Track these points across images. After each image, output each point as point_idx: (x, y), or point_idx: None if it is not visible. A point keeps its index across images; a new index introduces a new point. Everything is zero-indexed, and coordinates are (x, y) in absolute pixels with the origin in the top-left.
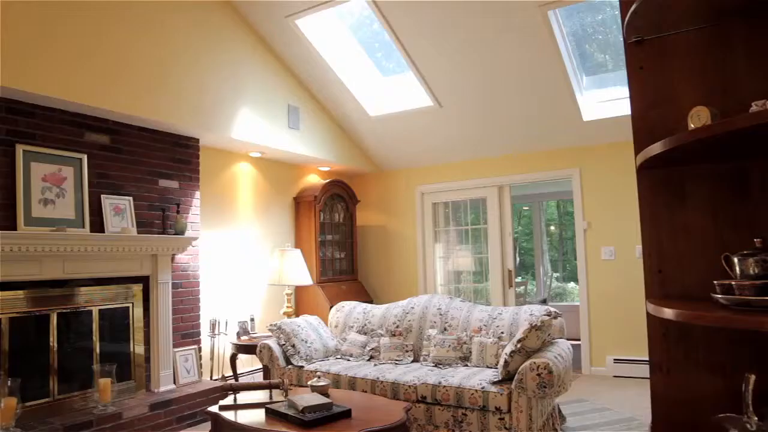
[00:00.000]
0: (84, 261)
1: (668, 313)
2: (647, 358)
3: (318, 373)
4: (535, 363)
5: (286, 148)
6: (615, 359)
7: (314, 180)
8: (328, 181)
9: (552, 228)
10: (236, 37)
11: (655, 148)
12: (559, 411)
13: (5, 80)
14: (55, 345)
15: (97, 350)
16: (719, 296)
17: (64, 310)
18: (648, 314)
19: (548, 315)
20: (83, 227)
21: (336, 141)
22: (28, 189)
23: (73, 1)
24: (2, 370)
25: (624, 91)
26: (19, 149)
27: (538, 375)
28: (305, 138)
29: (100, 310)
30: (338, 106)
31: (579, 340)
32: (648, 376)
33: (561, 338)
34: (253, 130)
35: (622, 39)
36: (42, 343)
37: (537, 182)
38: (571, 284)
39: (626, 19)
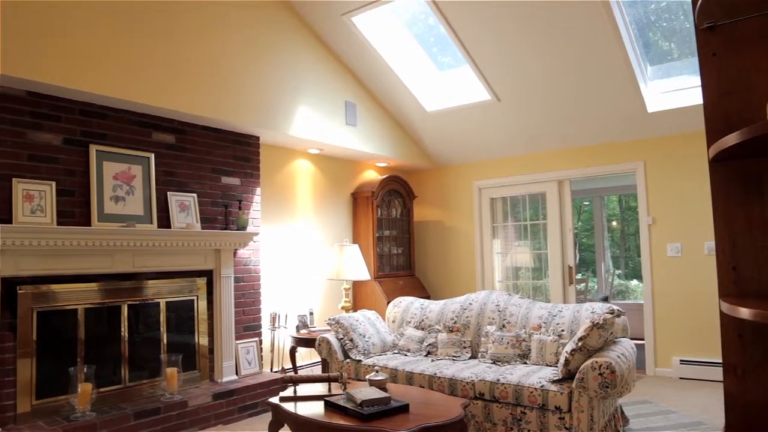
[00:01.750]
0: (152, 255)
1: (745, 312)
2: (718, 360)
3: (376, 368)
4: (597, 362)
5: (343, 144)
6: (681, 360)
7: (371, 176)
8: (385, 176)
9: (614, 223)
10: (294, 36)
11: (731, 139)
12: (622, 412)
13: (80, 84)
14: (126, 335)
15: (165, 341)
16: None
17: (134, 302)
18: (721, 314)
19: (611, 313)
20: (151, 223)
21: (393, 137)
22: (101, 187)
23: (141, 3)
24: (79, 358)
25: (691, 80)
26: (93, 149)
27: (600, 374)
28: (362, 134)
29: (166, 302)
30: (395, 101)
31: (643, 339)
32: (718, 378)
33: (624, 337)
34: (312, 128)
35: (689, 25)
36: (114, 333)
37: (598, 176)
38: (634, 282)
39: (698, 4)
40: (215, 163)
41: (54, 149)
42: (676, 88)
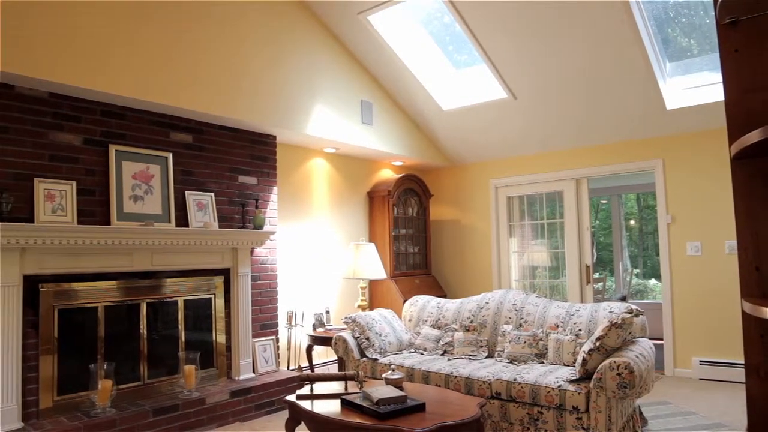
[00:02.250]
0: (170, 254)
1: None
2: (739, 361)
3: (392, 366)
4: (615, 362)
5: (359, 143)
6: (701, 361)
7: (388, 175)
8: (401, 175)
9: (632, 222)
10: (310, 36)
11: (753, 136)
12: (641, 413)
13: (100, 84)
14: (145, 332)
15: (183, 338)
16: None
17: (153, 300)
18: (743, 314)
19: (629, 312)
20: (169, 222)
21: (409, 135)
22: (120, 186)
23: (160, 5)
24: (99, 355)
25: (711, 77)
26: (112, 149)
27: (619, 374)
28: (378, 133)
29: (184, 300)
30: (411, 100)
31: (661, 339)
32: (739, 380)
33: (643, 337)
34: (328, 127)
35: (709, 21)
36: (133, 331)
37: (616, 174)
38: (653, 281)
39: None
40: (232, 163)
41: (74, 149)
42: (695, 85)
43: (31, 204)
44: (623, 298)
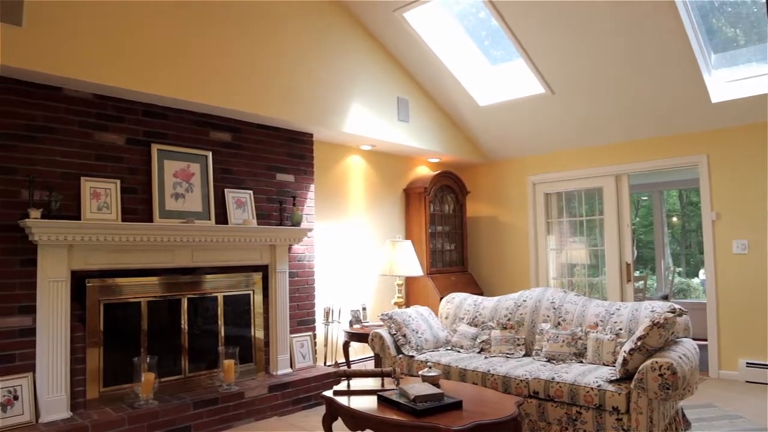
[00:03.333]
0: (210, 250)
1: None
2: None
3: (429, 364)
4: (657, 362)
5: (396, 140)
6: (748, 363)
7: (424, 172)
8: (437, 172)
9: (674, 219)
10: (346, 35)
11: None
12: (683, 415)
13: (142, 86)
14: (186, 327)
15: (222, 333)
16: None
17: (193, 296)
18: None
19: (672, 312)
20: (209, 219)
21: (445, 132)
22: (162, 184)
23: (198, 6)
24: (142, 348)
25: (759, 68)
26: (154, 148)
27: (661, 375)
28: (415, 130)
29: (224, 296)
30: (447, 96)
31: (705, 340)
32: None
33: (686, 337)
34: (364, 124)
35: (756, 10)
36: (174, 325)
37: (658, 170)
38: (696, 280)
39: None
40: (270, 161)
41: (118, 149)
42: (742, 77)
43: (78, 202)
44: (665, 297)
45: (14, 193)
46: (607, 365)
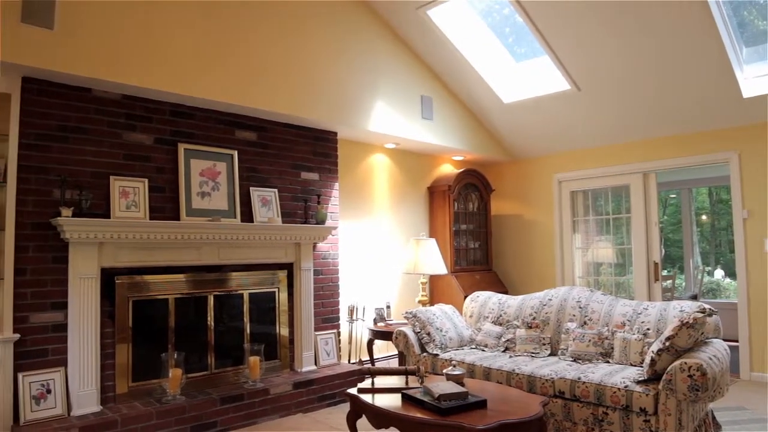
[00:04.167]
0: (236, 248)
1: None
2: None
3: (453, 362)
4: (686, 363)
5: (420, 138)
6: None
7: (448, 170)
8: (462, 170)
9: (703, 217)
10: (370, 33)
11: None
12: (713, 418)
13: (170, 86)
14: (212, 324)
15: (248, 330)
16: None
17: (219, 293)
18: None
19: (701, 312)
20: (235, 217)
21: (469, 130)
22: (189, 183)
23: (224, 5)
24: (169, 344)
25: None
26: (181, 148)
27: (690, 376)
28: (439, 128)
29: (249, 293)
30: (471, 94)
31: (736, 341)
32: None
33: (716, 338)
34: (388, 122)
35: None
36: (201, 322)
37: (687, 167)
38: (726, 279)
39: None
40: (295, 159)
41: (146, 148)
42: None
43: (108, 201)
44: (694, 297)
45: (47, 192)
46: (635, 365)
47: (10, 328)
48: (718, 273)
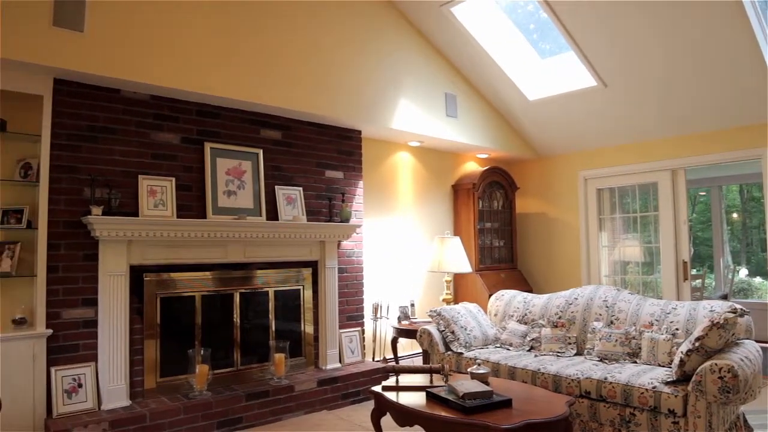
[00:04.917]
0: (261, 246)
1: None
2: None
3: (477, 361)
4: (716, 364)
5: (444, 136)
6: None
7: (472, 167)
8: (486, 168)
9: (734, 215)
10: (394, 31)
11: None
12: (745, 420)
13: (196, 86)
14: (238, 321)
15: (273, 328)
16: None
17: (245, 291)
18: None
19: (733, 312)
20: (260, 216)
21: (494, 127)
22: (215, 182)
23: (249, 6)
24: (196, 341)
25: None
26: (207, 147)
27: (720, 378)
28: (463, 126)
29: (275, 291)
30: (496, 91)
31: None
32: None
33: (747, 339)
34: (412, 120)
35: None
36: (227, 319)
37: (717, 164)
38: (758, 279)
39: None
40: (319, 158)
41: (173, 148)
42: None
43: (136, 199)
44: (724, 297)
45: (78, 191)
46: (663, 366)
47: (43, 324)
48: (743, 272)
